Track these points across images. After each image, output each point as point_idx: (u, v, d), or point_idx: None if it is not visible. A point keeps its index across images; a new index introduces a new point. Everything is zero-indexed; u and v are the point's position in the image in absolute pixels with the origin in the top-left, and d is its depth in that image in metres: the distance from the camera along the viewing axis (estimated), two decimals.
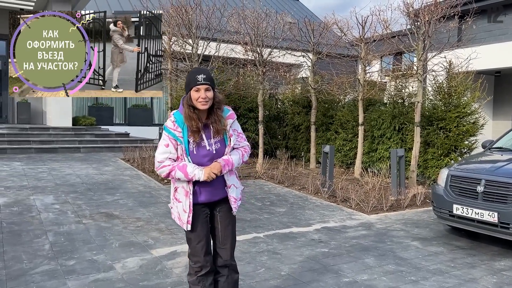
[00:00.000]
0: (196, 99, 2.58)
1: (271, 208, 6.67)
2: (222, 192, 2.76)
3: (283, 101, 13.60)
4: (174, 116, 2.65)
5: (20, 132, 12.37)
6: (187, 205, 2.66)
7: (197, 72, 2.61)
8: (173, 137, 2.62)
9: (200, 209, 2.71)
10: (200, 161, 2.64)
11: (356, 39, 9.22)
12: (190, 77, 2.62)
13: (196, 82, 2.57)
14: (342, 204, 7.12)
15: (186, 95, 2.64)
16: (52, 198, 6.64)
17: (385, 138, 9.72)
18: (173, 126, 2.62)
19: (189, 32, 8.61)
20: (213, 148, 2.66)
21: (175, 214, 2.77)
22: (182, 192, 2.69)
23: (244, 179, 9.07)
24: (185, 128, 2.62)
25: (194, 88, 2.58)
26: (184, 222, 2.70)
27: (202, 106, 2.59)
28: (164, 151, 2.64)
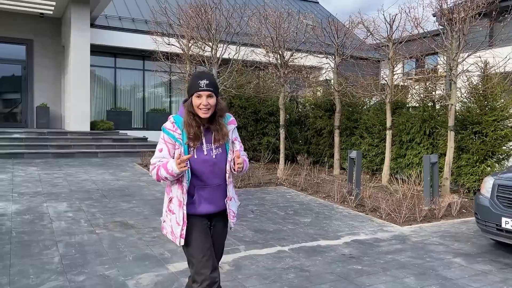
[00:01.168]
0: (197, 106, 2.42)
1: (295, 218, 6.24)
2: (221, 204, 2.56)
3: (304, 105, 13.16)
4: (174, 118, 2.49)
5: (38, 137, 12.25)
6: (180, 216, 2.45)
7: (199, 77, 2.43)
8: (172, 139, 2.45)
9: (199, 219, 2.50)
10: (199, 166, 2.46)
11: (383, 38, 8.73)
12: (192, 81, 2.44)
13: (198, 87, 2.39)
14: (371, 214, 6.64)
15: (188, 100, 2.48)
16: (65, 206, 6.36)
17: (414, 143, 9.18)
18: (172, 127, 2.46)
19: (208, 33, 8.27)
20: (213, 154, 2.49)
21: (167, 229, 2.53)
22: (176, 202, 2.48)
23: (264, 186, 8.66)
24: (184, 131, 2.46)
25: (196, 94, 2.41)
26: (177, 236, 2.46)
27: (203, 114, 2.42)
28: (157, 156, 2.49)
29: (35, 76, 15.72)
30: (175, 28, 9.32)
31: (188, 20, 8.81)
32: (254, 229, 5.56)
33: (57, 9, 14.87)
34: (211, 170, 2.48)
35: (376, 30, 8.83)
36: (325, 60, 10.53)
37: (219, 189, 2.53)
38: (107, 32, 16.00)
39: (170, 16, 9.36)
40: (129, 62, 17.47)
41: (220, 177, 2.54)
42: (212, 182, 2.50)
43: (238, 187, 8.31)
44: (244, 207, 6.73)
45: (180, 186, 2.47)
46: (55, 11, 15.12)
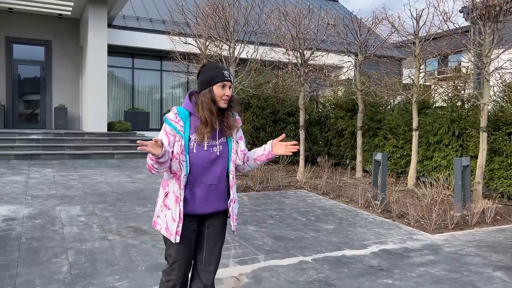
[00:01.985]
0: (220, 96, 2.33)
1: (317, 224, 5.88)
2: (218, 204, 2.46)
3: (325, 105, 12.77)
4: (177, 109, 2.38)
5: (55, 138, 12.18)
6: (176, 213, 2.35)
7: (220, 68, 2.38)
8: (173, 130, 2.34)
9: (186, 223, 2.39)
10: (197, 162, 2.36)
11: (409, 35, 8.30)
12: (214, 72, 2.36)
13: (224, 77, 2.34)
14: (398, 220, 6.23)
15: (205, 90, 2.35)
16: (78, 209, 6.15)
17: (442, 145, 8.71)
18: (175, 118, 2.34)
19: (226, 31, 7.98)
20: (216, 150, 2.41)
21: (162, 224, 2.41)
22: (172, 198, 2.37)
23: (284, 189, 8.32)
24: (187, 124, 2.36)
25: (220, 83, 2.33)
26: (172, 233, 2.36)
27: (224, 104, 2.36)
28: None
29: (54, 77, 15.74)
30: (192, 26, 9.06)
31: (206, 18, 8.53)
32: (274, 236, 5.24)
33: (75, 9, 14.84)
34: (208, 167, 2.39)
35: (401, 27, 8.40)
36: (347, 59, 10.13)
37: (215, 189, 2.42)
38: (125, 32, 15.91)
39: (187, 14, 9.11)
40: (146, 63, 17.36)
41: (217, 176, 2.43)
42: (206, 180, 2.39)
43: (257, 191, 8.00)
44: (263, 212, 6.41)
45: (177, 181, 2.37)
46: (73, 11, 15.10)
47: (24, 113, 15.53)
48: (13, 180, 8.09)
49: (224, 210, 2.50)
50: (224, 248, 4.67)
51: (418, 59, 8.31)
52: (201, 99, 2.35)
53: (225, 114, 2.41)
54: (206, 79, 2.35)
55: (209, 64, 2.45)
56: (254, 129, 11.49)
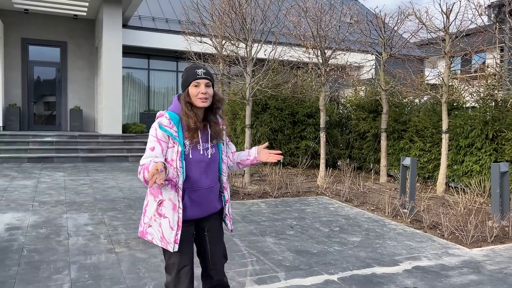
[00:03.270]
0: (195, 95, 2.28)
1: (342, 236, 5.40)
2: (215, 205, 2.46)
3: (346, 105, 12.24)
4: (168, 114, 2.29)
5: (69, 140, 11.96)
6: (175, 221, 2.27)
7: (195, 67, 2.34)
8: (169, 136, 2.24)
9: (186, 227, 2.34)
10: (194, 167, 2.31)
11: (439, 30, 7.75)
12: (188, 72, 2.34)
13: (196, 76, 2.29)
14: (430, 231, 5.70)
15: (183, 92, 2.33)
16: (86, 217, 5.80)
17: (474, 149, 8.12)
18: (169, 124, 2.26)
19: (243, 27, 7.56)
20: (208, 153, 2.36)
21: (156, 234, 2.31)
22: (169, 206, 2.28)
23: (304, 195, 7.86)
24: (180, 128, 2.28)
25: (193, 82, 2.28)
26: (170, 241, 2.27)
27: (202, 103, 2.28)
28: (148, 155, 2.23)
29: (69, 78, 15.59)
30: (207, 25, 8.68)
31: (222, 16, 8.13)
32: (294, 249, 4.78)
33: (90, 10, 14.66)
34: (205, 171, 2.35)
35: (430, 22, 7.85)
36: (370, 57, 9.60)
37: (211, 191, 2.40)
38: (140, 33, 15.67)
39: (202, 12, 8.73)
40: (162, 64, 17.11)
41: (213, 179, 2.41)
42: (205, 184, 2.36)
43: (275, 197, 7.56)
44: (282, 221, 5.96)
45: (173, 188, 2.28)
46: (89, 12, 14.92)
47: (39, 115, 15.42)
48: (23, 184, 7.82)
49: (218, 210, 2.51)
50: (240, 264, 4.24)
51: (448, 57, 7.75)
52: (182, 99, 2.32)
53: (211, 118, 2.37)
54: (183, 81, 2.35)
55: (188, 65, 2.43)
56: (272, 131, 11.05)
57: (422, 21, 7.87)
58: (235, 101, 11.19)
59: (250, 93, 8.17)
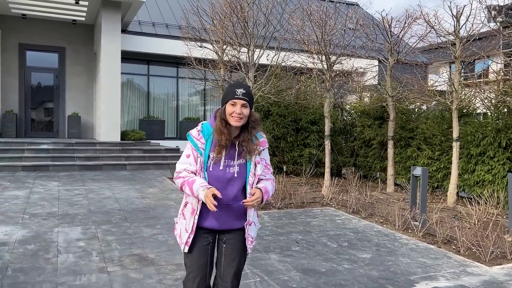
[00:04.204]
0: (230, 114, 2.33)
1: (351, 252, 5.05)
2: (235, 222, 2.44)
3: (350, 112, 11.92)
4: (202, 126, 2.42)
5: (66, 148, 11.63)
6: (190, 224, 2.38)
7: (236, 86, 2.37)
8: (194, 147, 2.37)
9: (201, 234, 2.41)
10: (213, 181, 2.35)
11: (449, 34, 7.44)
12: (229, 90, 2.38)
13: (234, 95, 2.33)
14: (445, 247, 5.35)
15: (221, 108, 2.39)
16: (79, 232, 5.46)
17: (486, 157, 7.78)
18: (197, 135, 2.38)
19: (245, 31, 7.26)
20: (232, 170, 2.37)
21: (178, 231, 2.48)
22: (189, 209, 2.41)
23: (308, 206, 7.51)
24: (209, 141, 2.37)
25: (231, 101, 2.33)
26: (183, 242, 2.42)
27: (235, 122, 2.33)
28: (184, 161, 2.40)
29: (67, 85, 15.30)
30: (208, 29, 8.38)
31: (223, 19, 7.83)
32: (301, 268, 4.43)
33: (89, 15, 14.40)
34: (224, 187, 2.36)
35: (439, 25, 7.54)
36: (376, 62, 9.29)
37: (229, 209, 2.39)
38: (140, 38, 15.39)
39: (203, 15, 8.44)
40: (162, 69, 16.82)
41: (232, 197, 2.39)
42: (222, 200, 2.32)
43: (278, 208, 7.21)
44: (287, 235, 5.61)
45: None
46: (87, 17, 14.67)
47: (37, 122, 15.11)
48: (14, 195, 7.49)
49: (241, 227, 2.47)
50: (243, 285, 3.88)
51: (459, 61, 7.43)
52: (217, 115, 2.38)
53: (245, 137, 2.38)
54: (223, 97, 2.40)
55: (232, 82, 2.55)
56: (274, 138, 10.72)
57: (431, 25, 7.56)
58: None
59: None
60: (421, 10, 7.54)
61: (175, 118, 17.08)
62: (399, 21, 8.42)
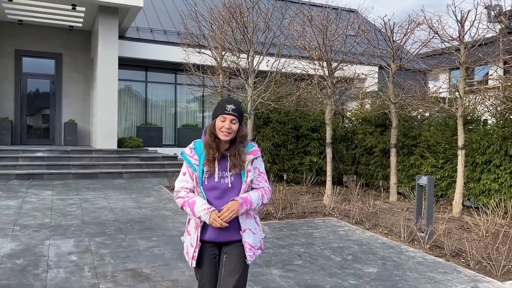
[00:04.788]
0: (219, 128, 2.42)
1: (356, 266, 4.82)
2: (233, 234, 2.48)
3: (351, 119, 11.73)
4: (194, 144, 2.53)
5: (61, 155, 11.39)
6: (194, 239, 2.46)
7: (227, 102, 2.46)
8: (188, 164, 2.47)
9: (208, 248, 2.49)
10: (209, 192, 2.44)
11: (454, 40, 7.27)
12: (219, 105, 2.47)
13: (224, 111, 2.42)
14: (453, 260, 5.12)
15: (211, 123, 2.49)
16: (71, 244, 5.22)
17: (492, 166, 7.58)
18: (190, 153, 2.49)
19: (244, 37, 7.07)
20: (226, 181, 2.45)
21: (185, 248, 2.58)
22: (193, 224, 2.51)
23: (310, 216, 7.28)
24: (202, 157, 2.46)
25: (220, 117, 2.42)
26: (189, 257, 2.50)
27: (224, 136, 2.41)
28: (181, 179, 2.52)
29: (64, 91, 15.10)
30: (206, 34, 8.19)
31: (222, 24, 7.65)
32: (304, 284, 4.20)
33: (86, 21, 14.24)
34: (220, 197, 2.43)
35: (443, 31, 7.37)
36: (377, 69, 9.11)
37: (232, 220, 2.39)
38: (138, 44, 15.23)
39: (201, 21, 8.25)
40: (160, 76, 16.64)
41: None
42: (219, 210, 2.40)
43: (279, 218, 6.98)
44: (288, 248, 5.38)
45: None
46: (85, 23, 14.50)
47: (33, 129, 14.89)
48: (6, 205, 7.24)
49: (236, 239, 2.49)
50: None
51: (464, 68, 7.25)
52: (206, 131, 2.47)
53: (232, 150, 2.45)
54: (213, 111, 2.49)
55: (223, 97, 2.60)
56: (274, 146, 10.51)
57: (434, 30, 7.38)
58: None
59: (252, 106, 7.65)
60: (424, 15, 7.37)
61: (173, 125, 16.88)
62: (402, 26, 8.25)
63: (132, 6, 12.51)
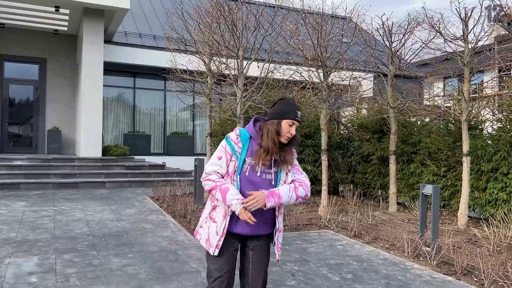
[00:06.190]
0: (286, 132, 2.41)
1: (357, 287, 4.24)
2: (263, 228, 2.46)
3: (347, 125, 11.22)
4: (240, 131, 2.46)
5: (41, 164, 10.76)
6: (221, 227, 2.40)
7: (295, 106, 2.45)
8: (231, 150, 2.42)
9: (230, 239, 2.44)
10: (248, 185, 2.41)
11: (457, 39, 6.80)
12: (289, 107, 2.43)
13: (295, 116, 2.42)
14: (465, 279, 4.56)
15: (274, 121, 2.42)
16: (34, 263, 4.60)
17: (499, 174, 7.07)
18: (235, 139, 2.44)
19: (233, 34, 6.55)
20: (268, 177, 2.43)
21: (203, 235, 2.48)
22: (221, 212, 2.43)
23: (304, 228, 6.71)
24: (245, 146, 2.43)
25: (289, 121, 2.41)
26: (212, 245, 2.41)
27: (285, 140, 2.44)
28: (215, 162, 2.43)
29: (48, 97, 14.47)
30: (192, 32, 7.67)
31: (209, 22, 7.13)
32: None
33: (71, 24, 13.69)
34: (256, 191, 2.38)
35: (446, 29, 6.91)
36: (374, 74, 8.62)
37: (261, 214, 2.42)
38: (126, 49, 14.70)
39: (188, 19, 7.73)
40: (149, 82, 16.07)
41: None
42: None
43: None
44: (280, 265, 4.80)
45: None
46: (70, 27, 13.95)
47: (14, 137, 14.22)
48: None
49: (267, 234, 2.51)
50: None
51: (468, 68, 6.77)
52: (268, 127, 2.42)
53: (285, 149, 2.46)
54: (280, 111, 2.43)
55: (287, 99, 2.50)
56: None
57: (437, 29, 6.91)
58: (225, 121, 10.14)
59: (242, 110, 7.11)
60: (425, 12, 6.91)
61: (162, 132, 16.28)
62: (401, 26, 7.79)
63: (118, 8, 12.00)
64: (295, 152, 2.60)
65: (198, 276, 4.29)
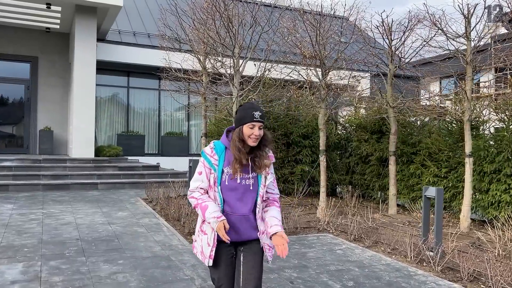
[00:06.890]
0: (248, 135, 2.46)
1: None
2: (253, 233, 2.53)
3: (345, 125, 11.02)
4: (214, 144, 2.55)
5: (32, 165, 10.48)
6: (211, 238, 2.48)
7: (252, 108, 2.49)
8: (208, 164, 2.50)
9: (224, 247, 2.51)
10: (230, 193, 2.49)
11: (460, 36, 6.61)
12: (245, 112, 2.48)
13: (253, 118, 2.45)
14: (471, 286, 4.36)
15: (236, 129, 2.50)
16: (18, 270, 4.35)
17: (502, 175, 6.88)
18: (210, 152, 2.52)
19: (228, 31, 6.32)
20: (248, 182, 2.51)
21: (198, 248, 2.57)
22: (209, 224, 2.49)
23: (303, 232, 6.50)
24: (222, 157, 2.50)
25: (249, 124, 2.45)
26: (206, 256, 2.51)
27: (253, 143, 2.47)
28: (197, 178, 2.53)
29: (40, 97, 14.17)
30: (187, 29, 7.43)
31: (204, 18, 6.90)
32: None
33: (63, 22, 13.40)
34: (240, 198, 2.50)
35: (447, 27, 6.71)
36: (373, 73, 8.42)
37: (246, 219, 2.51)
38: (119, 48, 14.42)
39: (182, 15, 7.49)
40: (143, 82, 15.80)
41: (249, 208, 2.53)
42: (240, 211, 2.50)
43: None
44: (278, 272, 4.57)
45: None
46: (62, 25, 13.66)
47: (4, 137, 13.91)
48: None
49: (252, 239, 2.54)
50: None
51: (471, 67, 6.58)
52: (233, 137, 2.49)
53: (258, 153, 2.51)
54: (238, 118, 2.49)
55: (246, 104, 2.57)
56: None
57: (439, 26, 6.71)
58: (221, 120, 9.90)
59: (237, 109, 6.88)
60: (427, 9, 6.71)
61: (156, 132, 16.01)
62: (401, 23, 7.59)
63: (111, 6, 11.73)
64: (273, 156, 2.61)
65: (192, 284, 4.06)
